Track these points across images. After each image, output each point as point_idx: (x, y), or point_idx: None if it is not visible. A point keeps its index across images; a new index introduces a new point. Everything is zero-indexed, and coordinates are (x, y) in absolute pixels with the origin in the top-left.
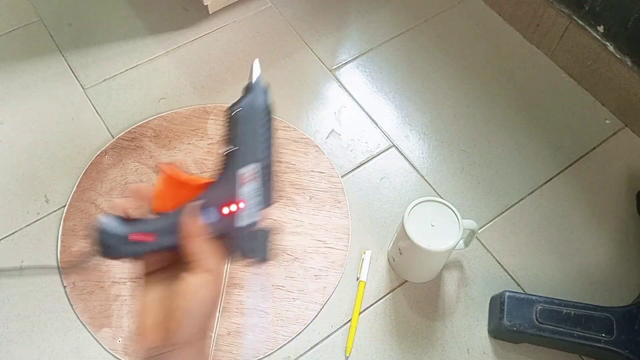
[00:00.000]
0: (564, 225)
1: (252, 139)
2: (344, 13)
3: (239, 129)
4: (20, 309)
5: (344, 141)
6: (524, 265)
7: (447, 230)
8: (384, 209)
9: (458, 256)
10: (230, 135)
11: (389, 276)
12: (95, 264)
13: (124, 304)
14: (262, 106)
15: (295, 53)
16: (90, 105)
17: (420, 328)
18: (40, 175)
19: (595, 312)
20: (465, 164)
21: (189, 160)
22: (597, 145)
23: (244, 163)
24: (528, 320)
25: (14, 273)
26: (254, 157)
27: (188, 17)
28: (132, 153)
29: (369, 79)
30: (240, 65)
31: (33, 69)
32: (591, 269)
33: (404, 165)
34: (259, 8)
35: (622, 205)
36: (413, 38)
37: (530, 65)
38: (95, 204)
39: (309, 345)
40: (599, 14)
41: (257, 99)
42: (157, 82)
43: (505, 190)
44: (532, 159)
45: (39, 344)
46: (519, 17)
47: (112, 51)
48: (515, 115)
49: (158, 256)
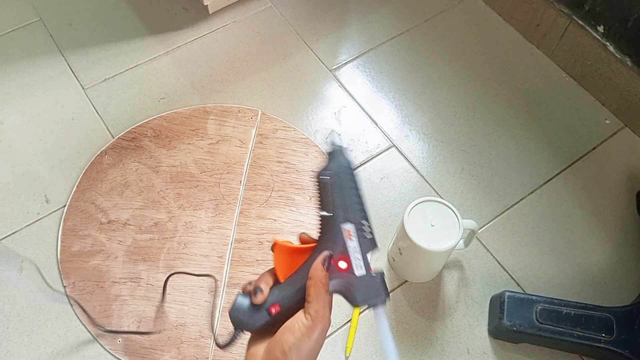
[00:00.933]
0: (564, 225)
1: (345, 203)
2: (344, 13)
3: (330, 196)
4: (20, 308)
5: (344, 141)
6: (524, 265)
7: (447, 230)
8: (384, 209)
9: (458, 256)
10: (324, 201)
11: (389, 276)
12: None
13: (124, 304)
14: (348, 169)
15: (295, 53)
16: (90, 105)
17: (420, 328)
18: (40, 175)
19: (595, 312)
20: (465, 164)
21: (189, 161)
22: (597, 145)
23: (343, 221)
24: (528, 320)
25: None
26: (349, 218)
27: (188, 17)
28: (132, 153)
29: (369, 79)
30: (240, 65)
31: (33, 69)
32: (591, 269)
33: (404, 165)
34: (259, 8)
35: (622, 205)
36: (413, 38)
37: (530, 65)
38: (95, 204)
39: None
40: (599, 14)
41: (341, 163)
42: (157, 82)
43: (505, 190)
44: (532, 159)
45: (39, 344)
46: (519, 17)
47: (112, 51)
48: (515, 115)
49: (285, 317)
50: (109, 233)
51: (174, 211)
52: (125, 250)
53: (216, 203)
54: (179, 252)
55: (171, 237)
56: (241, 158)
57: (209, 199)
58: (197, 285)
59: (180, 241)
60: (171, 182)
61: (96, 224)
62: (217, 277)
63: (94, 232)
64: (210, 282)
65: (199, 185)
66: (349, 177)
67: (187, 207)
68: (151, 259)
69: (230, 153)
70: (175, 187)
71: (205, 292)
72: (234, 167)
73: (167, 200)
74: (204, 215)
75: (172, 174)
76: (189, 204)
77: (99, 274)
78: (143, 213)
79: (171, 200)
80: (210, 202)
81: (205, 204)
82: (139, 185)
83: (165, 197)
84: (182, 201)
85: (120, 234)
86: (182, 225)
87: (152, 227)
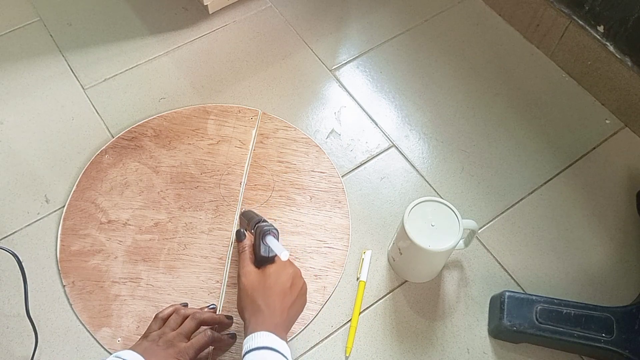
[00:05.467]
0: (564, 225)
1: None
2: (344, 13)
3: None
4: (20, 308)
5: (344, 141)
6: (524, 265)
7: (447, 230)
8: (384, 208)
9: (458, 256)
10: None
11: (389, 276)
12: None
13: (124, 304)
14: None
15: (295, 53)
16: (90, 105)
17: (420, 328)
18: (40, 175)
19: (595, 312)
20: (465, 164)
21: (189, 161)
22: (597, 145)
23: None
24: (528, 320)
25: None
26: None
27: (188, 17)
28: (132, 153)
29: (369, 79)
30: (240, 65)
31: (33, 69)
32: (591, 269)
33: (404, 165)
34: (259, 8)
35: (622, 205)
36: (413, 38)
37: (530, 65)
38: (95, 204)
39: (309, 345)
40: (599, 14)
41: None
42: (157, 82)
43: (505, 190)
44: (532, 158)
45: (38, 343)
46: (519, 17)
47: (112, 51)
48: (515, 115)
49: None
50: (109, 233)
51: (174, 212)
52: (125, 250)
53: (216, 204)
54: (179, 253)
55: (171, 238)
56: (241, 159)
57: (209, 200)
58: (197, 286)
59: (181, 242)
60: (171, 182)
61: (96, 223)
62: (217, 277)
63: (94, 231)
64: (211, 283)
65: (200, 186)
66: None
67: (187, 207)
68: (151, 259)
69: (231, 154)
70: (175, 188)
71: (205, 293)
72: (234, 167)
73: (168, 201)
74: (204, 216)
75: (173, 175)
76: (189, 205)
77: (99, 273)
78: (143, 213)
79: (171, 201)
80: (211, 204)
81: (205, 205)
82: (139, 185)
83: (165, 197)
84: (183, 202)
85: (120, 234)
86: (182, 226)
87: (152, 227)
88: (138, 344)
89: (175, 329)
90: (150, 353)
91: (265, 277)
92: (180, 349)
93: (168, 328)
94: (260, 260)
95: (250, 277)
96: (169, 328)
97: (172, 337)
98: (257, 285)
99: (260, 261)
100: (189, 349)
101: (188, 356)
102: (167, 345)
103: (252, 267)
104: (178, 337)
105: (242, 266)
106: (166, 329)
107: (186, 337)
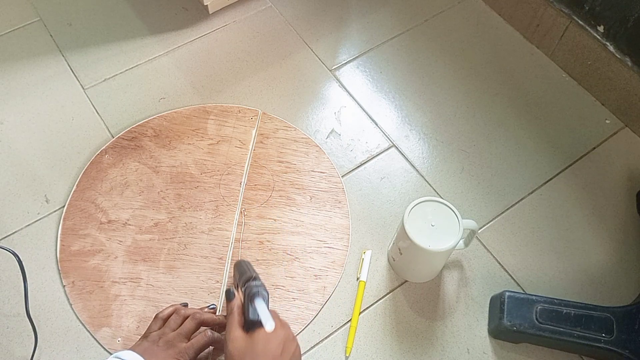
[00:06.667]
0: (564, 225)
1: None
2: (344, 13)
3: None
4: (20, 308)
5: (344, 141)
6: (524, 265)
7: (447, 230)
8: (384, 209)
9: (458, 256)
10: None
11: (389, 276)
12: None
13: (124, 304)
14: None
15: (295, 53)
16: (90, 105)
17: (420, 328)
18: (40, 175)
19: (595, 312)
20: (465, 164)
21: (189, 161)
22: (597, 145)
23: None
24: (528, 320)
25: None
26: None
27: (188, 17)
28: (132, 153)
29: (369, 79)
30: (240, 65)
31: (33, 69)
32: (591, 269)
33: (404, 165)
34: (259, 8)
35: (622, 205)
36: (413, 38)
37: (530, 65)
38: (95, 204)
39: (309, 345)
40: (599, 14)
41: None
42: (157, 82)
43: (505, 190)
44: (532, 158)
45: (38, 343)
46: (519, 17)
47: (112, 51)
48: (515, 115)
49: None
50: (109, 233)
51: (174, 212)
52: (125, 250)
53: (216, 204)
54: (179, 253)
55: (171, 238)
56: (241, 159)
57: (209, 200)
58: (197, 286)
59: (181, 242)
60: (171, 182)
61: (96, 223)
62: (217, 277)
63: (94, 231)
64: (211, 283)
65: (200, 187)
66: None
67: (187, 207)
68: (151, 259)
69: (231, 154)
70: (175, 188)
71: (205, 294)
72: (234, 167)
73: (168, 201)
74: (204, 216)
75: (173, 175)
76: (189, 205)
77: (99, 273)
78: (143, 213)
79: (171, 201)
80: (211, 204)
81: (205, 205)
82: (139, 185)
83: (165, 197)
84: (183, 202)
85: (120, 233)
86: (182, 226)
87: (152, 227)
88: (138, 344)
89: (175, 329)
90: (150, 353)
91: (254, 343)
92: (180, 349)
93: (168, 328)
94: (249, 323)
95: (237, 343)
96: (169, 328)
97: (172, 337)
98: (244, 352)
99: (249, 324)
100: (189, 349)
101: (188, 356)
102: (167, 345)
103: (239, 332)
104: (178, 337)
105: (229, 330)
106: (166, 329)
107: (186, 337)
